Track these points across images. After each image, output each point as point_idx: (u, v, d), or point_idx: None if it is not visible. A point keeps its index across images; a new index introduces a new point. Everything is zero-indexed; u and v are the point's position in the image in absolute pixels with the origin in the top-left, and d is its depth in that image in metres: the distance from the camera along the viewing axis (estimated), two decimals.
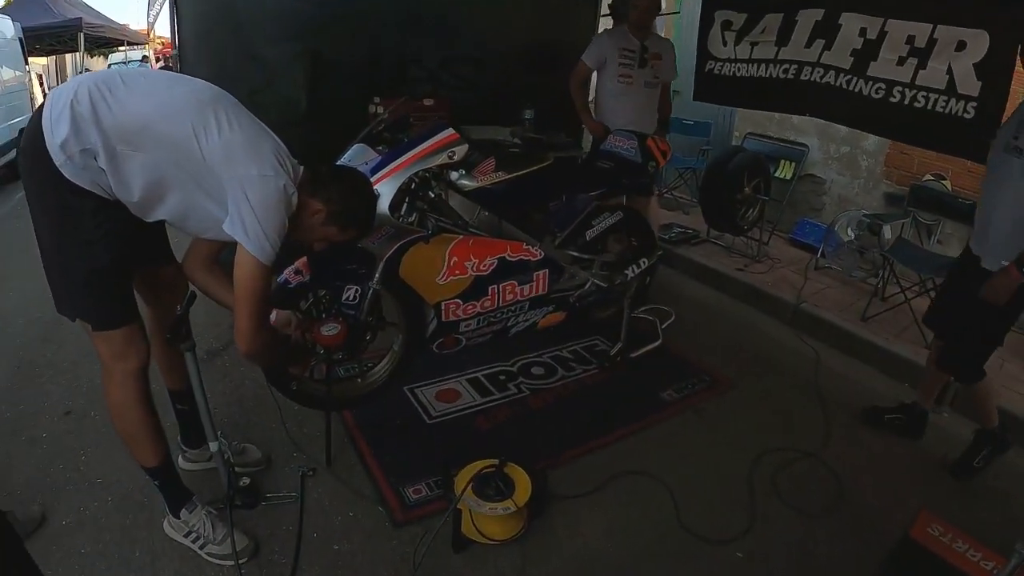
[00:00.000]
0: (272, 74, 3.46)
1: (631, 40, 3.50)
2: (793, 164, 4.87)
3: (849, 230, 4.01)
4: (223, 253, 1.72)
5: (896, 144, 4.43)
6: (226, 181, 1.47)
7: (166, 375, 1.96)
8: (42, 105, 1.44)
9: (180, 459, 2.09)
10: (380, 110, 3.50)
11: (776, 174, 4.81)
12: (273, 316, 1.83)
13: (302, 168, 1.66)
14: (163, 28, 13.24)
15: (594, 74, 3.68)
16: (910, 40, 3.14)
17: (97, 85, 1.41)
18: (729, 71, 3.96)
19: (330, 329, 1.91)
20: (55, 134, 1.38)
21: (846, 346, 3.35)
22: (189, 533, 1.79)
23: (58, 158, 1.39)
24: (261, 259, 1.50)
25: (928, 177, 4.19)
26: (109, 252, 1.50)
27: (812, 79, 3.54)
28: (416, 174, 2.17)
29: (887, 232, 3.79)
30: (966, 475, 2.36)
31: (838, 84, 3.48)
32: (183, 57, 3.20)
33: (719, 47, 3.98)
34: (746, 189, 4.18)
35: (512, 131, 3.75)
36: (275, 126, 1.64)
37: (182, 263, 1.79)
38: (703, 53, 3.99)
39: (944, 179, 4.09)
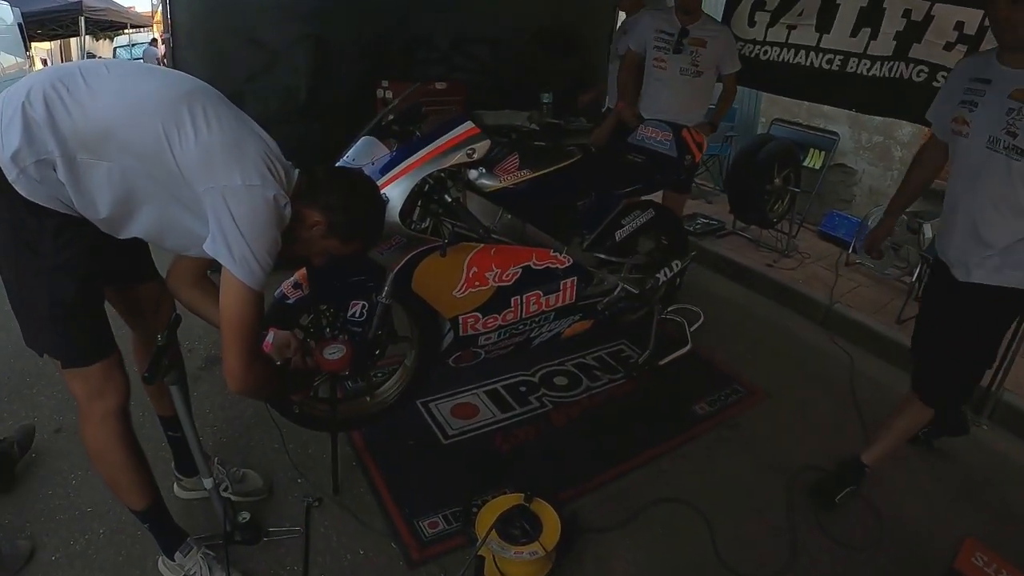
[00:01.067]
0: (273, 59, 3.21)
1: (672, 22, 3.17)
2: (823, 153, 4.62)
3: None
4: (213, 265, 1.52)
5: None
6: (204, 193, 1.25)
7: (156, 402, 1.78)
8: None
9: (176, 487, 1.93)
10: (389, 95, 3.28)
11: (805, 163, 4.56)
12: (270, 337, 1.63)
13: (297, 172, 1.44)
14: None
15: None
16: (959, 26, 2.91)
17: (53, 84, 1.20)
18: (751, 52, 3.73)
19: (334, 352, 1.70)
20: (6, 144, 1.17)
21: (881, 350, 3.17)
22: None
23: (10, 172, 1.18)
24: (250, 284, 1.29)
25: None
26: (75, 279, 1.31)
27: (858, 71, 3.32)
28: (430, 175, 1.92)
29: (928, 231, 3.55)
30: (826, 506, 2.11)
31: (882, 75, 3.26)
32: (176, 41, 2.97)
33: (744, 27, 3.74)
34: (776, 180, 3.94)
35: (529, 116, 3.48)
36: (276, 117, 1.44)
37: (166, 278, 1.59)
38: None
39: None
